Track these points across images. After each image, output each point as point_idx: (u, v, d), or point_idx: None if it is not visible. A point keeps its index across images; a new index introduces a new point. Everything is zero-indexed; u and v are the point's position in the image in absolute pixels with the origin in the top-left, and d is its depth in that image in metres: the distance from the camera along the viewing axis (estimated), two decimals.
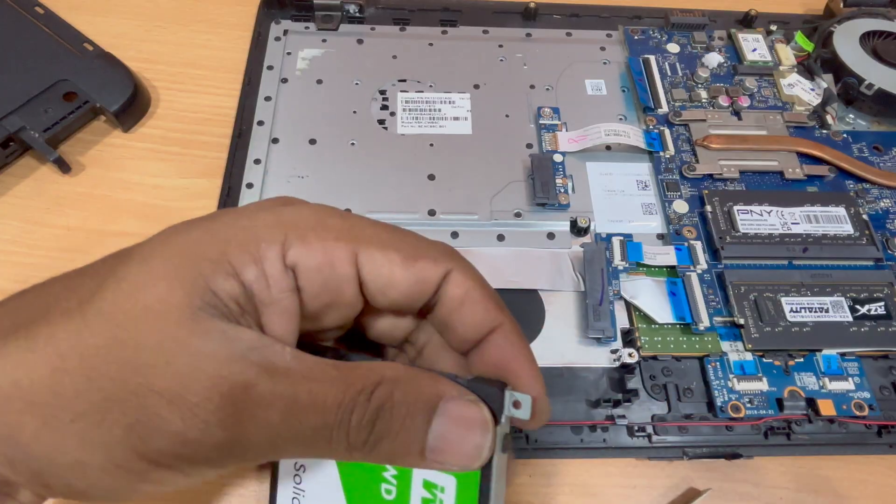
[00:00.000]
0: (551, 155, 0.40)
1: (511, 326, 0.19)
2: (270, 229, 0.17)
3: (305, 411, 0.15)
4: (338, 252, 0.17)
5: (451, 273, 0.18)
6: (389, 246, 0.18)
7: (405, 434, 0.16)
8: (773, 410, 0.32)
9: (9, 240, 0.36)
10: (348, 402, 0.16)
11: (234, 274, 0.16)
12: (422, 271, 0.18)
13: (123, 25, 0.45)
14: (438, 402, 0.16)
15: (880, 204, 0.39)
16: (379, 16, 0.47)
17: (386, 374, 0.16)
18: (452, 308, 0.18)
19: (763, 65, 0.45)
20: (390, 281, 0.18)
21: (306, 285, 0.17)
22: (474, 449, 0.16)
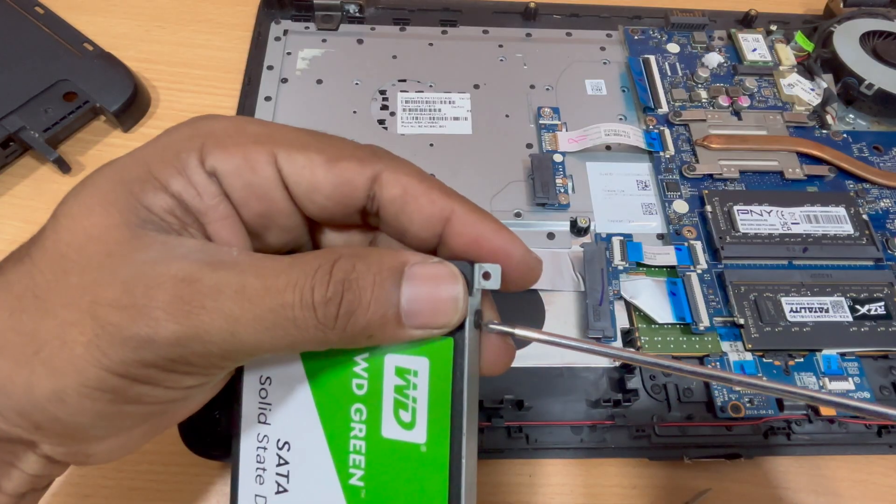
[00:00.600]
0: (551, 155, 0.40)
1: (465, 208, 0.18)
2: (188, 140, 0.17)
3: (259, 294, 0.15)
4: (256, 154, 0.17)
5: (381, 174, 0.17)
6: (310, 147, 0.17)
7: (377, 301, 0.16)
8: (773, 410, 0.32)
9: (9, 240, 0.36)
10: (306, 279, 0.15)
11: (161, 188, 0.16)
12: (345, 172, 0.17)
13: (123, 25, 0.45)
14: (404, 268, 0.16)
15: (880, 204, 0.39)
16: (379, 16, 0.47)
17: (342, 251, 0.16)
18: (396, 210, 0.18)
19: (763, 65, 0.45)
20: (313, 183, 0.17)
21: (231, 191, 0.17)
22: (451, 301, 0.16)
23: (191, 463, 0.29)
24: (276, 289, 0.15)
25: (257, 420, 0.20)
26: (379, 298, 0.16)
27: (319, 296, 0.15)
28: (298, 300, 0.15)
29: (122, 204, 0.16)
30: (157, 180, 0.16)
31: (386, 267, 0.16)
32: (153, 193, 0.16)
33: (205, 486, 0.30)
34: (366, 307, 0.16)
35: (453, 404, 0.17)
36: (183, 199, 0.16)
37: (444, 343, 0.17)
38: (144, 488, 0.29)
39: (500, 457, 0.31)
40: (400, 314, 0.16)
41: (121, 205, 0.16)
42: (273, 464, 0.19)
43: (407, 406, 0.18)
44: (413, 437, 0.18)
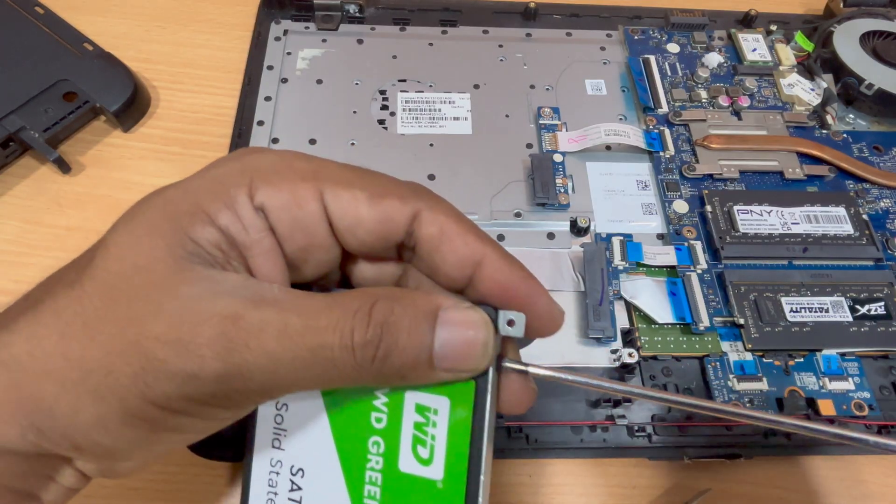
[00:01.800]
0: (551, 155, 0.40)
1: (496, 253, 0.18)
2: (237, 175, 0.17)
3: (300, 333, 0.16)
4: (303, 191, 0.17)
5: (421, 212, 0.18)
6: (354, 184, 0.18)
7: (413, 345, 0.16)
8: (774, 410, 0.32)
9: (9, 240, 0.36)
10: (346, 320, 0.16)
11: (209, 221, 0.17)
12: (388, 209, 0.18)
13: (123, 25, 0.45)
14: (438, 311, 0.17)
15: (880, 204, 0.39)
16: (379, 16, 0.47)
17: (380, 292, 0.17)
18: (431, 248, 0.18)
19: (763, 65, 0.45)
20: (356, 219, 0.18)
21: (277, 225, 0.17)
22: (481, 348, 0.17)
23: (190, 463, 0.29)
24: (316, 329, 0.16)
25: (271, 445, 0.20)
26: (414, 342, 0.16)
27: (359, 338, 0.16)
28: (338, 341, 0.16)
29: (169, 236, 0.16)
30: (205, 214, 0.17)
31: (421, 310, 0.17)
32: (201, 227, 0.16)
33: (205, 485, 0.30)
34: (402, 350, 0.16)
35: (472, 444, 0.17)
36: (230, 233, 0.17)
37: (466, 385, 0.18)
38: (144, 488, 0.29)
39: (500, 457, 0.31)
40: (432, 357, 0.17)
41: (168, 237, 0.16)
42: (286, 489, 0.19)
43: (425, 443, 0.18)
44: (430, 473, 0.18)
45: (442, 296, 0.17)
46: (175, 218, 0.16)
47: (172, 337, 0.15)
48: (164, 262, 0.16)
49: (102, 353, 0.16)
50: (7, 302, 0.36)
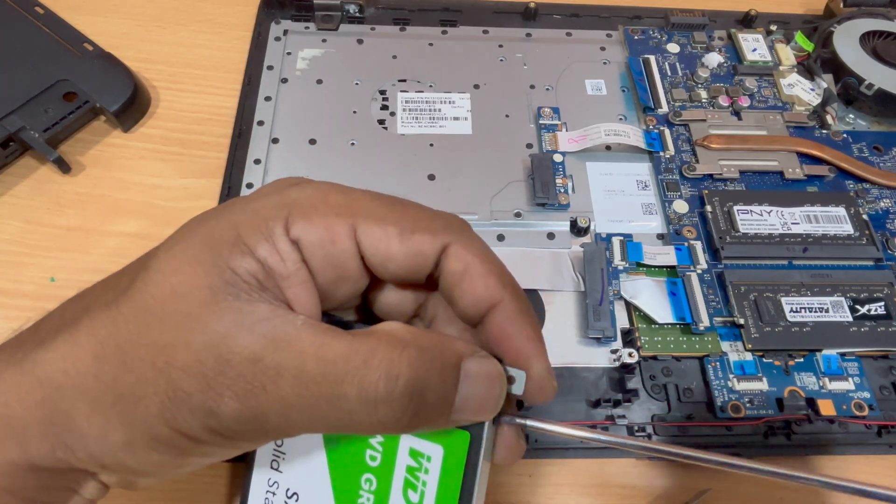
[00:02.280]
0: (551, 155, 0.40)
1: (512, 303, 0.18)
2: (276, 208, 0.18)
3: (315, 382, 0.16)
4: (337, 227, 0.18)
5: (449, 246, 0.18)
6: (387, 220, 0.18)
7: (439, 403, 0.17)
8: (773, 410, 0.32)
9: (9, 240, 0.36)
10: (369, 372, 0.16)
11: (249, 252, 0.17)
12: (418, 244, 0.18)
13: (123, 25, 0.45)
14: (461, 364, 0.17)
15: (880, 204, 0.39)
16: (379, 16, 0.47)
17: (405, 337, 0.17)
18: (453, 283, 0.18)
19: (763, 65, 0.45)
20: (388, 255, 0.18)
21: (310, 259, 0.18)
22: (493, 402, 0.17)
23: None
24: (334, 378, 0.16)
25: (270, 465, 0.20)
26: (441, 400, 0.17)
27: (385, 393, 0.16)
28: (356, 394, 0.16)
29: (209, 264, 0.17)
30: (245, 245, 0.17)
31: (449, 364, 0.17)
32: (240, 257, 0.17)
33: (205, 485, 0.30)
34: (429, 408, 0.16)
35: (462, 495, 0.18)
36: (267, 264, 0.17)
37: (460, 435, 0.18)
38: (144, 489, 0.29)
39: None
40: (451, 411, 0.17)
41: (208, 265, 0.17)
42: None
43: (416, 487, 0.18)
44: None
45: (461, 343, 0.18)
46: (216, 247, 0.17)
47: (197, 370, 0.16)
48: (200, 291, 0.16)
49: (133, 379, 0.16)
50: (7, 302, 0.36)
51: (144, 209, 0.38)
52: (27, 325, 0.19)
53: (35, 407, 0.17)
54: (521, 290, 0.19)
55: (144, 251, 0.38)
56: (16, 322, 0.33)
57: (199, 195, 0.38)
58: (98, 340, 0.17)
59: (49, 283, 0.35)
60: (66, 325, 0.17)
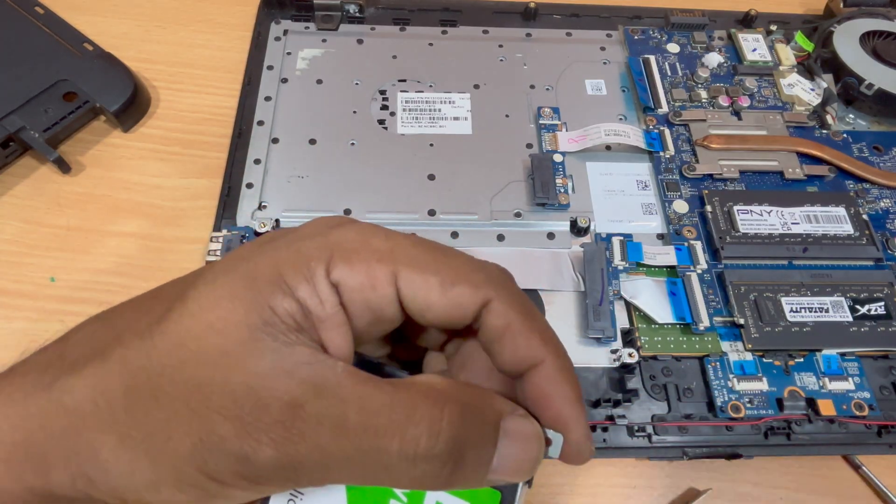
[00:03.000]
0: (551, 155, 0.40)
1: (554, 364, 0.18)
2: (318, 250, 0.17)
3: (356, 433, 0.15)
4: (378, 273, 0.17)
5: (491, 302, 0.18)
6: (429, 269, 0.18)
7: (478, 463, 0.16)
8: (773, 410, 0.32)
9: (9, 240, 0.36)
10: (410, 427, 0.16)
11: (289, 293, 0.17)
12: (458, 297, 0.18)
13: (123, 25, 0.45)
14: (500, 422, 0.17)
15: (880, 204, 0.39)
16: (379, 16, 0.47)
17: (448, 393, 0.17)
18: (494, 338, 0.18)
19: (763, 65, 0.45)
20: (427, 304, 0.18)
21: (349, 303, 0.18)
22: (530, 464, 0.17)
23: None
24: (375, 430, 0.15)
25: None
26: (480, 459, 0.16)
27: (424, 449, 0.16)
28: (397, 449, 0.15)
29: (249, 302, 0.16)
30: (286, 284, 0.17)
31: (489, 423, 0.17)
32: (280, 297, 0.17)
33: None
34: (467, 467, 0.16)
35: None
36: (306, 306, 0.17)
37: (491, 493, 0.18)
38: None
39: None
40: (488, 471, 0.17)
41: (248, 303, 0.16)
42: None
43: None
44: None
45: (501, 400, 0.18)
46: (256, 285, 0.17)
47: (234, 414, 0.15)
48: (238, 328, 0.16)
49: (165, 416, 0.16)
50: (7, 302, 0.35)
51: (144, 209, 0.38)
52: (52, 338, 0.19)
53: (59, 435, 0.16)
54: (563, 348, 0.19)
55: (144, 251, 0.38)
56: (16, 322, 0.33)
57: (199, 195, 0.38)
58: (130, 372, 0.16)
59: (49, 283, 0.35)
60: (96, 352, 0.17)
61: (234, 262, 0.18)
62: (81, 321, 0.19)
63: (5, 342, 0.33)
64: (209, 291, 0.17)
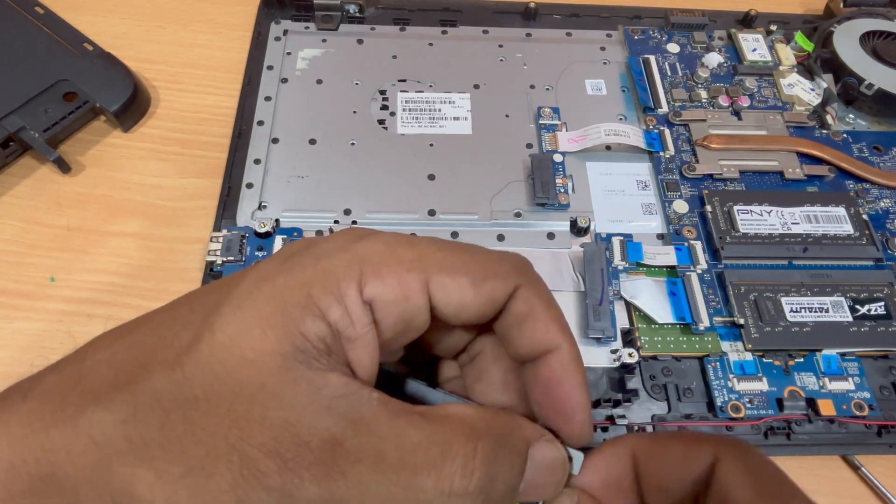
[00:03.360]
0: (551, 155, 0.40)
1: (569, 351, 0.19)
2: (348, 268, 0.17)
3: (394, 469, 0.16)
4: (411, 283, 0.17)
5: (518, 288, 0.18)
6: (459, 270, 0.18)
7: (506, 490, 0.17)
8: (773, 410, 0.32)
9: (9, 240, 0.36)
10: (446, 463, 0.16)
11: (320, 315, 0.16)
12: (490, 291, 0.18)
13: (123, 25, 0.45)
14: (528, 450, 0.17)
15: (880, 204, 0.39)
16: (379, 16, 0.47)
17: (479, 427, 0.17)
18: (515, 322, 0.19)
19: (763, 65, 0.45)
20: (461, 304, 0.18)
21: (383, 318, 0.17)
22: (555, 486, 0.18)
23: None
24: (412, 466, 0.16)
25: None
26: (509, 489, 0.17)
27: (459, 487, 0.16)
28: (433, 485, 0.16)
29: (280, 329, 0.16)
30: (317, 307, 0.16)
31: (517, 452, 0.17)
32: (311, 320, 0.16)
33: None
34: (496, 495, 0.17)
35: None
36: (337, 328, 0.17)
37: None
38: None
39: None
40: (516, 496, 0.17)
41: (279, 330, 0.16)
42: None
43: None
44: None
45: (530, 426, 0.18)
46: (286, 310, 0.16)
47: (273, 450, 0.15)
48: (271, 357, 0.16)
49: (204, 452, 0.15)
50: (7, 302, 0.35)
51: (144, 209, 0.38)
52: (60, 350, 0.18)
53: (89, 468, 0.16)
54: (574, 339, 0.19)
55: (144, 251, 0.38)
56: (16, 322, 0.33)
57: (199, 195, 0.38)
58: (163, 408, 0.16)
59: (49, 283, 0.35)
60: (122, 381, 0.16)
61: (257, 283, 0.17)
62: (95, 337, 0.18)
63: (5, 342, 0.33)
64: (238, 320, 0.16)
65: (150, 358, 0.17)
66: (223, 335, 0.16)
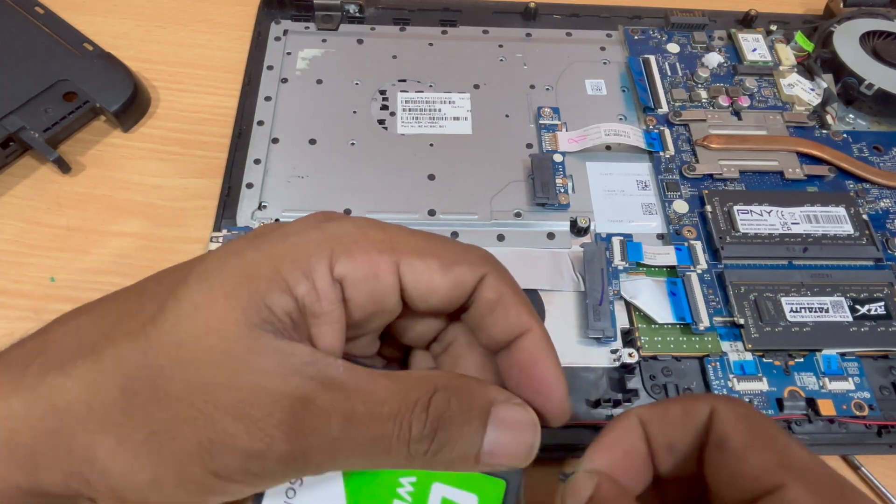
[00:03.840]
0: (551, 155, 0.40)
1: (540, 332, 0.19)
2: (318, 245, 0.17)
3: (363, 422, 0.16)
4: (381, 263, 0.18)
5: (486, 277, 0.19)
6: (428, 254, 0.18)
7: (464, 442, 0.17)
8: (773, 410, 0.32)
9: (9, 240, 0.36)
10: (406, 412, 0.16)
11: (287, 290, 0.17)
12: (459, 276, 0.18)
13: (123, 25, 0.45)
14: (490, 408, 0.17)
15: (880, 204, 0.39)
16: (379, 16, 0.47)
17: (438, 382, 0.17)
18: (486, 311, 0.19)
19: (763, 65, 0.45)
20: (430, 287, 0.18)
21: (353, 296, 0.18)
22: (526, 449, 0.18)
23: None
24: (379, 417, 0.16)
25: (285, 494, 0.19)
26: (466, 439, 0.17)
27: (416, 432, 0.16)
28: (396, 433, 0.16)
29: (246, 301, 0.16)
30: (284, 281, 0.17)
31: (476, 406, 0.17)
32: (278, 294, 0.16)
33: None
34: (453, 446, 0.17)
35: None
36: (304, 303, 0.17)
37: (496, 483, 0.18)
38: None
39: None
40: (480, 454, 0.17)
41: (244, 301, 0.16)
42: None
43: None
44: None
45: (495, 389, 0.18)
46: (253, 282, 0.16)
47: (243, 412, 0.15)
48: (237, 328, 0.16)
49: (168, 416, 0.16)
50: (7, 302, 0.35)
51: (144, 209, 0.38)
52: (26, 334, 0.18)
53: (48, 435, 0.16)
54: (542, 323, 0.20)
55: (144, 251, 0.38)
56: (16, 322, 0.33)
57: (199, 195, 0.38)
58: (126, 374, 0.16)
59: (49, 283, 0.35)
60: (85, 350, 0.16)
61: (225, 256, 0.17)
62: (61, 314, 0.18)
63: (5, 342, 0.33)
64: (203, 289, 0.16)
65: (115, 329, 0.17)
66: (188, 304, 0.16)
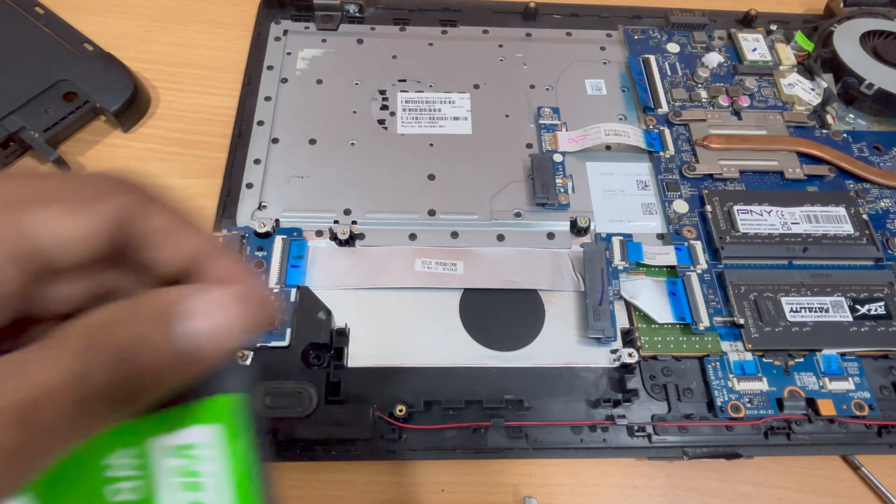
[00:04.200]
0: (551, 155, 0.40)
1: (214, 245, 0.16)
2: None
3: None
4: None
5: (129, 208, 0.15)
6: (51, 199, 0.14)
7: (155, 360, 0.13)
8: (773, 410, 0.32)
9: None
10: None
11: None
12: (93, 217, 0.14)
13: (123, 25, 0.45)
14: (169, 307, 0.13)
15: (880, 204, 0.39)
16: (379, 16, 0.47)
17: (70, 330, 0.13)
18: (157, 243, 0.15)
19: (763, 65, 0.45)
20: (62, 240, 0.14)
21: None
22: (238, 322, 0.14)
23: None
24: None
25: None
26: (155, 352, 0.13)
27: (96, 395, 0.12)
28: None
29: None
30: None
31: (147, 318, 0.13)
32: None
33: None
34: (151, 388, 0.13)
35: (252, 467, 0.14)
36: None
37: (217, 402, 0.14)
38: None
39: (500, 457, 0.31)
40: (185, 354, 0.13)
41: None
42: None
43: (199, 486, 0.14)
44: None
45: (171, 290, 0.14)
46: None
47: None
48: None
49: None
50: None
51: None
52: None
53: None
54: None
55: None
56: None
57: (200, 195, 0.38)
58: None
59: None
60: None
61: None
62: None
63: None
64: None
65: None
66: None
